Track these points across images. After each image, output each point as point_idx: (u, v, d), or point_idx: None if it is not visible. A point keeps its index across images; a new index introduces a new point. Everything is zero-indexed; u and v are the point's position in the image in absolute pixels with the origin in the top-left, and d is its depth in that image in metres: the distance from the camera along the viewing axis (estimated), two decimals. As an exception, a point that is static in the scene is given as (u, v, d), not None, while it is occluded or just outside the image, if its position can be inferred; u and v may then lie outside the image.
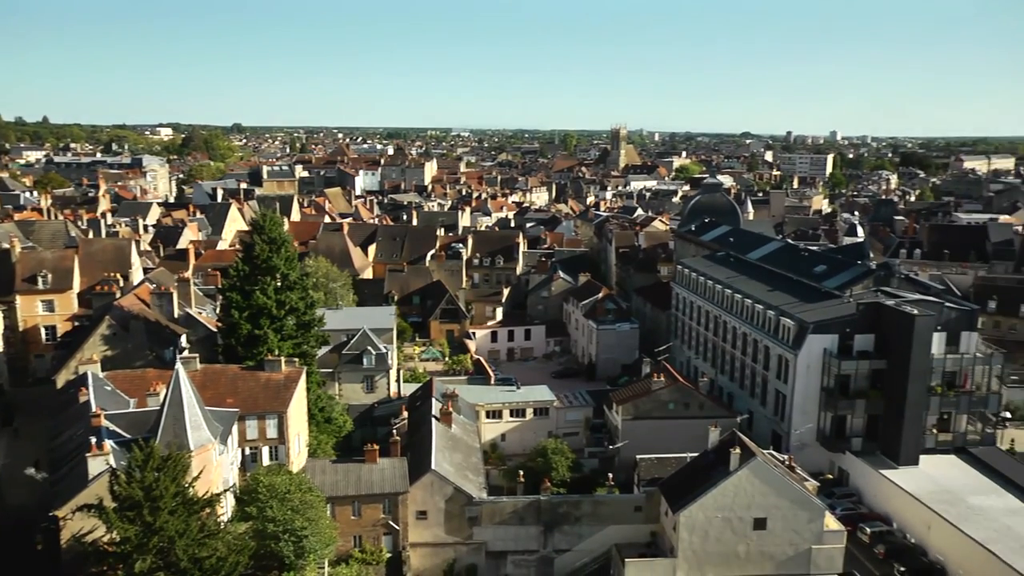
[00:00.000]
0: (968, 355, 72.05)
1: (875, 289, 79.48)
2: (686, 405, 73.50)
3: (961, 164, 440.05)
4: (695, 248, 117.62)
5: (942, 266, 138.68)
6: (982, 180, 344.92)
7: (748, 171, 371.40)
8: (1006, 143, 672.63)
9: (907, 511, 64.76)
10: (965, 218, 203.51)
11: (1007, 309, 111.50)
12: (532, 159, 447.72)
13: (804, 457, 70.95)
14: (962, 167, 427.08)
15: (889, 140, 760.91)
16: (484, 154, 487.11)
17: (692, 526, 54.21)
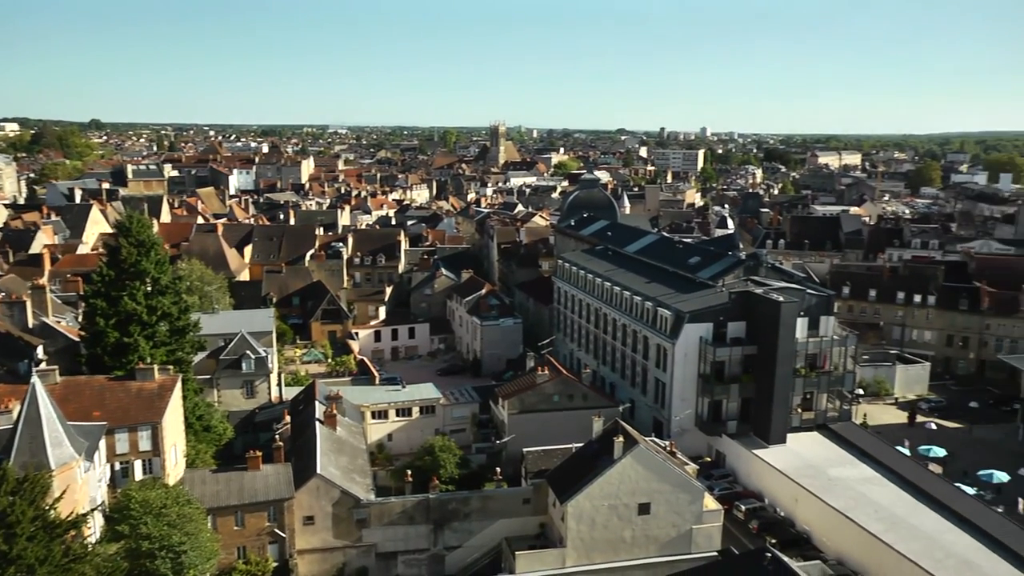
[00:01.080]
0: (827, 338, 76.96)
1: (745, 278, 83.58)
2: (570, 397, 75.00)
3: (816, 160, 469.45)
4: (575, 243, 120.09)
5: (803, 255, 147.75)
6: (834, 174, 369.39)
7: (624, 167, 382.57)
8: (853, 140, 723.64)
9: (777, 487, 68.66)
10: (821, 210, 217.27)
11: (858, 294, 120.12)
12: (412, 156, 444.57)
13: (684, 442, 73.89)
14: (817, 162, 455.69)
15: (754, 136, 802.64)
16: (363, 151, 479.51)
17: (580, 515, 55.42)
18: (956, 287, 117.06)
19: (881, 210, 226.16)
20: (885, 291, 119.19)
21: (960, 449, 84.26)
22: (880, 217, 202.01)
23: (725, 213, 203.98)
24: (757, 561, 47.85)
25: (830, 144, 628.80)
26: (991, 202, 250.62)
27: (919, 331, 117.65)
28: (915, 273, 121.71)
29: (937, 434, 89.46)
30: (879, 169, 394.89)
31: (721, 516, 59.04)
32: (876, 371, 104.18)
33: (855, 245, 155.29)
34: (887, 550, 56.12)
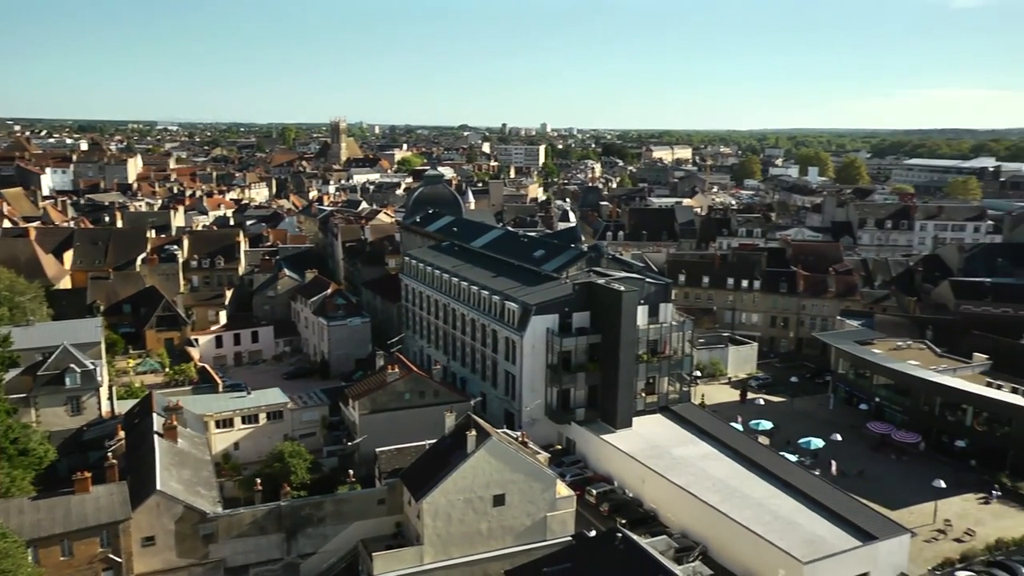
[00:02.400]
0: (666, 324, 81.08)
1: (588, 270, 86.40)
2: (421, 394, 74.79)
3: (651, 154, 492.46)
4: (421, 239, 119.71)
5: (641, 245, 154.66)
6: (668, 168, 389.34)
7: (468, 162, 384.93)
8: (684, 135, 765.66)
9: (625, 469, 71.70)
10: (657, 202, 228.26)
11: (693, 281, 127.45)
12: (249, 154, 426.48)
13: (535, 431, 75.59)
14: (652, 157, 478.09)
15: (592, 132, 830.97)
16: (196, 149, 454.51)
17: (435, 511, 55.44)
18: (777, 272, 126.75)
19: (711, 201, 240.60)
20: (716, 278, 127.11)
21: (784, 421, 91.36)
22: (710, 208, 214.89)
23: (567, 207, 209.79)
24: (609, 542, 49.78)
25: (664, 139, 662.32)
26: (802, 193, 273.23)
27: (747, 314, 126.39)
28: (742, 260, 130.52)
29: (765, 409, 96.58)
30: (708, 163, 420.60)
31: (574, 502, 60.87)
32: (711, 353, 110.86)
33: (689, 235, 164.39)
34: (724, 519, 60.05)
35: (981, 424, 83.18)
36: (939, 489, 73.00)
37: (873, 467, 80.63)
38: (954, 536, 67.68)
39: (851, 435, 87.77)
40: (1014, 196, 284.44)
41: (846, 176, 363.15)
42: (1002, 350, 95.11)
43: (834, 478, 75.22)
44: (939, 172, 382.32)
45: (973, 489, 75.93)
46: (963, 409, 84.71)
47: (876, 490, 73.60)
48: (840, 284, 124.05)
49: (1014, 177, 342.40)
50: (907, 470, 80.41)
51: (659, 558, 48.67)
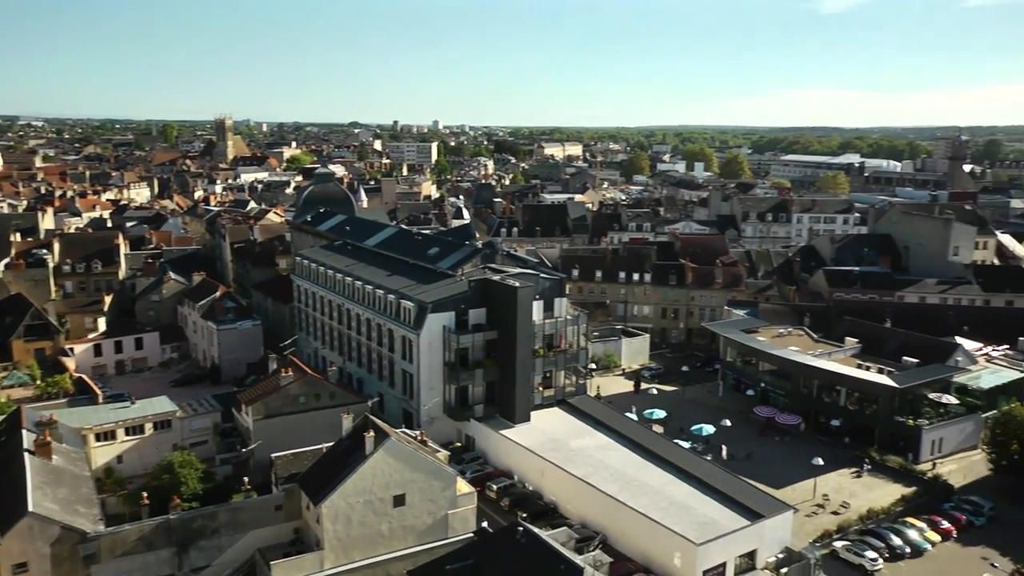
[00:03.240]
0: (561, 318, 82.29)
1: (483, 266, 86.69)
2: (317, 396, 73.23)
3: (543, 151, 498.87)
4: (312, 239, 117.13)
5: (535, 241, 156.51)
6: (560, 164, 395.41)
7: (359, 160, 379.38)
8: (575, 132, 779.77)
9: (524, 463, 72.43)
10: (549, 198, 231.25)
11: (586, 275, 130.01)
12: (127, 152, 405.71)
13: (434, 430, 75.29)
14: (544, 153, 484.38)
15: (484, 129, 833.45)
16: (66, 147, 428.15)
17: (335, 515, 54.42)
18: (666, 265, 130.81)
19: (602, 197, 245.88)
20: (609, 272, 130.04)
21: (676, 409, 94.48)
22: (601, 203, 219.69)
23: (461, 204, 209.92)
24: (510, 536, 50.20)
25: (555, 136, 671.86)
26: (689, 188, 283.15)
27: (639, 306, 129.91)
28: (633, 254, 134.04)
29: (658, 398, 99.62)
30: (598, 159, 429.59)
31: (474, 498, 61.01)
32: (605, 346, 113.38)
33: (581, 230, 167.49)
34: (621, 507, 61.58)
35: (853, 403, 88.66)
36: (818, 466, 77.42)
37: (760, 449, 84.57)
38: (832, 509, 71.93)
39: (739, 420, 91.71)
40: (877, 190, 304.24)
41: (729, 171, 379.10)
42: (870, 334, 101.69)
43: (724, 462, 78.43)
44: (812, 167, 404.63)
45: (847, 464, 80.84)
46: (837, 390, 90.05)
47: (762, 471, 77.28)
48: (726, 275, 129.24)
49: (876, 173, 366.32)
50: (789, 450, 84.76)
51: (560, 549, 49.44)
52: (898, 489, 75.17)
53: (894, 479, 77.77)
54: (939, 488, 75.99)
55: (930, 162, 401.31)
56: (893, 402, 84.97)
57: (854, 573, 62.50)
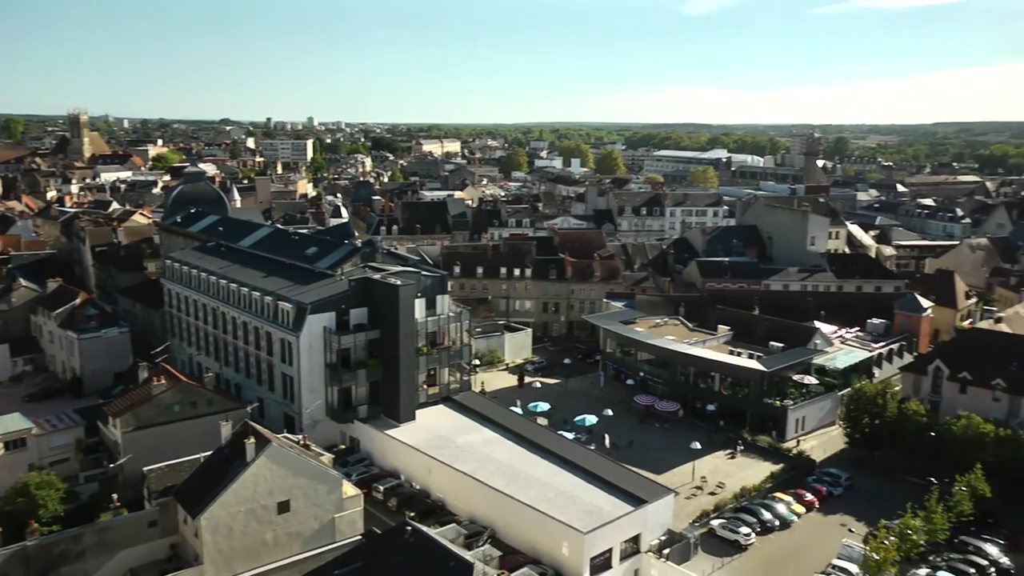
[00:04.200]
0: (443, 315, 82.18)
1: (363, 265, 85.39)
2: (193, 404, 70.04)
3: (421, 147, 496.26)
4: (183, 240, 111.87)
5: (415, 239, 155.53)
6: (439, 161, 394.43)
7: (231, 158, 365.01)
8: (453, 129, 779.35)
9: (411, 462, 71.94)
10: (429, 195, 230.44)
11: (468, 272, 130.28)
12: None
13: (317, 433, 73.62)
14: (422, 150, 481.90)
15: (361, 125, 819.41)
16: None
17: (215, 527, 52.29)
18: (546, 260, 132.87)
19: (481, 193, 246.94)
20: (490, 267, 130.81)
21: (560, 401, 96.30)
22: (481, 200, 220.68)
23: (339, 202, 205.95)
24: (399, 536, 49.76)
25: (433, 133, 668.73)
26: (566, 183, 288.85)
27: (520, 301, 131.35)
28: (513, 249, 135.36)
29: (541, 391, 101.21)
30: (476, 156, 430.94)
31: (361, 500, 60.10)
32: (488, 341, 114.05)
33: (461, 227, 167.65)
34: (509, 501, 62.20)
35: (727, 388, 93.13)
36: (696, 450, 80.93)
37: (641, 436, 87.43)
38: (709, 490, 75.34)
39: (621, 409, 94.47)
40: (743, 184, 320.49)
41: (605, 167, 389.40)
42: (740, 321, 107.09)
43: (607, 450, 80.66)
44: (683, 163, 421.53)
45: (723, 447, 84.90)
46: (712, 376, 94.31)
47: (644, 457, 79.99)
48: (604, 269, 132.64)
49: (742, 167, 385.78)
50: (669, 436, 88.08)
51: (449, 546, 49.43)
52: (768, 467, 79.56)
53: (764, 457, 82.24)
54: (803, 463, 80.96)
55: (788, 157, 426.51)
56: (762, 385, 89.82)
57: (730, 548, 65.66)
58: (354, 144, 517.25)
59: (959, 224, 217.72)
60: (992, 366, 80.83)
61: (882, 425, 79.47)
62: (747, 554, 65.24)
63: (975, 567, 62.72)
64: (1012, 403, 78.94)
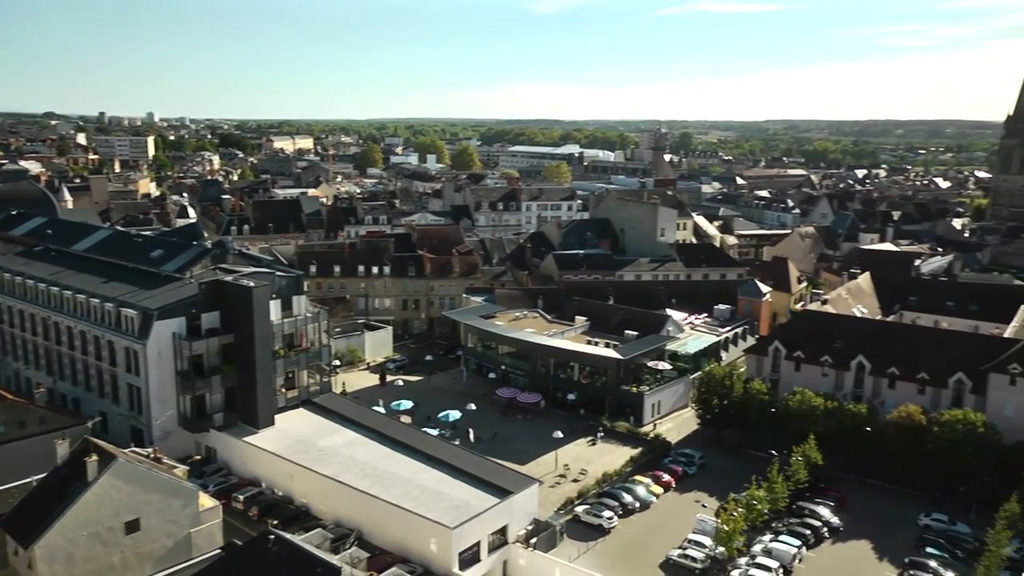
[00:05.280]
0: (300, 316, 79.92)
1: (214, 267, 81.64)
2: (22, 424, 64.67)
3: (272, 144, 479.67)
4: (4, 245, 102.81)
5: (269, 238, 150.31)
6: (291, 158, 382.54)
7: (59, 155, 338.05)
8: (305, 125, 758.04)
9: (272, 468, 69.58)
10: (281, 193, 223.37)
11: (324, 271, 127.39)
12: None
13: (169, 445, 69.78)
14: (273, 147, 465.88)
15: (207, 122, 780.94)
16: None
17: (53, 556, 48.46)
18: (404, 256, 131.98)
19: (336, 191, 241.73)
20: (347, 266, 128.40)
21: (423, 398, 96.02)
22: (336, 197, 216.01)
23: (185, 202, 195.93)
24: (262, 546, 47.98)
25: (283, 129, 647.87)
26: (423, 180, 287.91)
27: (380, 299, 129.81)
28: (371, 247, 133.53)
29: (404, 389, 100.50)
30: (330, 152, 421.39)
31: (219, 512, 57.55)
32: (348, 341, 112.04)
33: (317, 225, 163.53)
34: (375, 501, 61.46)
35: (586, 377, 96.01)
36: (558, 439, 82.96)
37: (504, 429, 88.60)
38: (572, 477, 77.43)
39: (484, 403, 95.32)
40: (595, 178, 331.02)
41: (461, 162, 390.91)
42: (596, 311, 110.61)
43: (472, 445, 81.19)
44: (537, 158, 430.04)
45: (584, 434, 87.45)
46: (571, 366, 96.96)
47: (508, 449, 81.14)
48: (463, 264, 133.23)
49: (594, 162, 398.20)
50: (532, 427, 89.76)
51: (315, 552, 48.24)
52: (627, 451, 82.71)
53: (623, 443, 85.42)
54: (660, 446, 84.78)
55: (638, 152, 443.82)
56: (619, 373, 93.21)
57: (594, 532, 67.81)
58: (200, 141, 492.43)
59: (790, 214, 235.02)
60: (820, 344, 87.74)
61: (730, 405, 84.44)
62: (610, 537, 67.61)
63: (810, 528, 68.02)
64: (837, 377, 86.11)
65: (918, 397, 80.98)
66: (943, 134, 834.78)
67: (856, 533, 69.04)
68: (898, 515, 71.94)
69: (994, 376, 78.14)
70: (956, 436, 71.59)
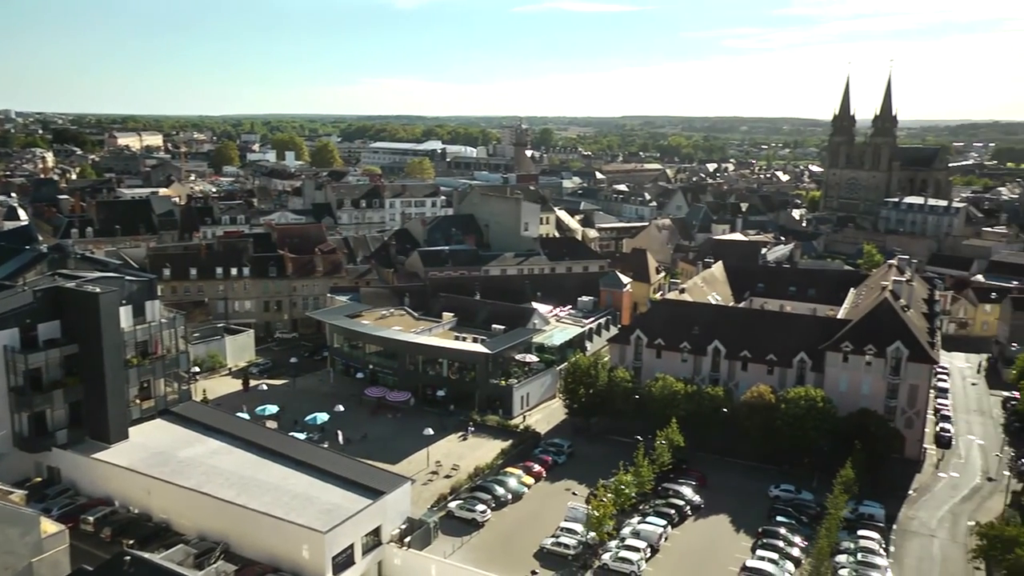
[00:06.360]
0: (155, 322, 75.56)
1: (51, 273, 75.69)
2: None
3: (116, 141, 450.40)
4: None
5: (116, 241, 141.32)
6: (138, 156, 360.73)
7: None
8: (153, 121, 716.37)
9: (126, 485, 65.46)
10: (129, 193, 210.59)
11: (179, 274, 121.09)
12: None
13: (4, 468, 64.34)
14: (117, 144, 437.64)
15: (37, 116, 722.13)
16: None
17: None
18: (265, 257, 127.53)
19: (190, 190, 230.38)
20: (204, 268, 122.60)
21: (289, 401, 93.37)
22: (190, 197, 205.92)
23: (14, 203, 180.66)
24: (116, 569, 45.25)
25: (129, 125, 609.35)
26: (282, 177, 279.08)
27: (240, 302, 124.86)
28: (229, 248, 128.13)
29: (268, 393, 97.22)
30: (182, 150, 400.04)
31: (66, 536, 53.56)
32: (208, 346, 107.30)
33: (169, 226, 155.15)
34: (241, 511, 59.12)
35: (455, 373, 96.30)
36: (429, 436, 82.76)
37: (374, 429, 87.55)
38: (445, 474, 77.57)
39: (352, 403, 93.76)
40: (458, 174, 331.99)
41: (321, 159, 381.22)
42: (463, 307, 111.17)
43: (342, 447, 79.72)
44: (399, 154, 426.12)
45: (455, 430, 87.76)
46: (440, 363, 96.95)
47: (379, 449, 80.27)
48: (326, 263, 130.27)
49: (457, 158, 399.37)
50: (402, 425, 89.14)
51: (177, 570, 45.99)
52: (498, 444, 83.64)
53: (494, 436, 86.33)
54: (530, 437, 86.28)
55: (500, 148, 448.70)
56: (487, 367, 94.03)
57: (468, 527, 68.19)
58: (29, 136, 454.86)
59: (648, 207, 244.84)
60: (679, 332, 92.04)
61: (595, 394, 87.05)
62: (484, 530, 68.19)
63: (675, 508, 71.32)
64: (695, 362, 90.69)
65: (767, 377, 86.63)
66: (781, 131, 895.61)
67: (716, 509, 72.93)
68: (753, 489, 76.58)
69: (830, 354, 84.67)
70: (799, 412, 77.11)
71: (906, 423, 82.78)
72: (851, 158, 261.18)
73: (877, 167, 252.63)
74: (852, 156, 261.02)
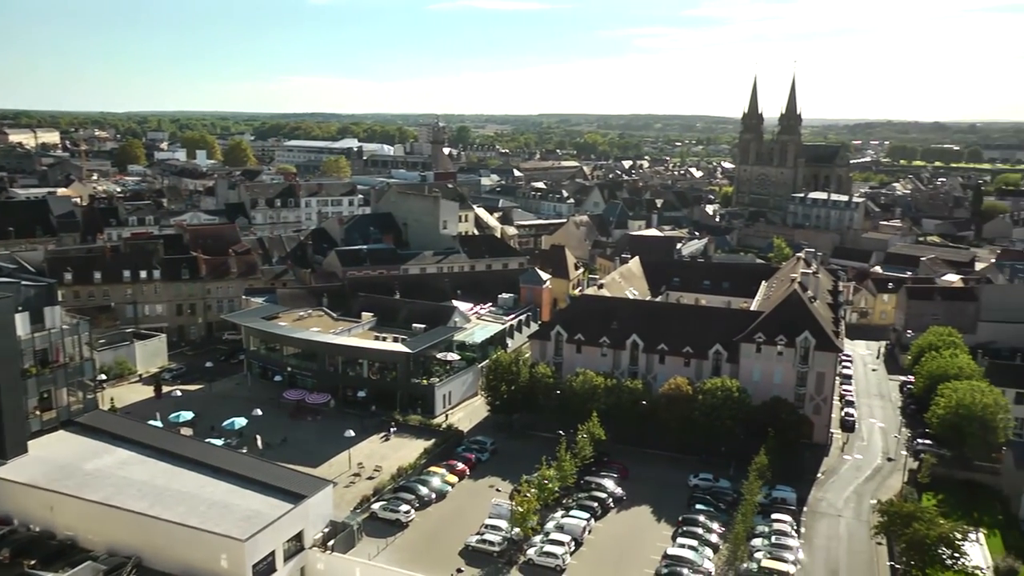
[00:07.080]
0: (55, 329, 72.30)
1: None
2: None
3: (7, 138, 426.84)
4: None
5: (10, 244, 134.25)
6: (33, 154, 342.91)
7: None
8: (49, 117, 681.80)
9: (26, 502, 62.15)
10: (23, 193, 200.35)
11: (82, 278, 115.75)
12: None
13: None
14: (9, 141, 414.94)
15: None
16: None
17: None
18: (176, 259, 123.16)
19: (92, 190, 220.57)
20: (110, 271, 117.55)
21: (205, 407, 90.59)
22: (92, 197, 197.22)
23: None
24: (17, 589, 42.93)
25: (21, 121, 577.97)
26: (193, 177, 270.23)
27: (150, 306, 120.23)
28: (137, 250, 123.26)
29: (183, 399, 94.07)
30: (82, 148, 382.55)
31: (-38, 557, 50.64)
32: (116, 352, 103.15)
33: (70, 228, 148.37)
34: (154, 522, 56.96)
35: (375, 373, 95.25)
36: (350, 438, 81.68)
37: (294, 432, 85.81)
38: (367, 475, 76.69)
39: (271, 407, 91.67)
40: (375, 172, 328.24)
41: (234, 158, 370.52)
42: (383, 306, 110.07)
43: (260, 451, 77.81)
44: (315, 152, 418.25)
45: (376, 431, 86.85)
46: (360, 363, 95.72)
47: (299, 453, 78.74)
48: (241, 264, 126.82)
49: (374, 156, 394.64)
50: (322, 428, 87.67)
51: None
52: (421, 444, 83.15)
53: (417, 435, 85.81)
54: (452, 435, 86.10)
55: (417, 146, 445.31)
56: (408, 366, 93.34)
57: (393, 528, 67.61)
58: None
59: (566, 204, 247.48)
60: (598, 326, 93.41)
61: (517, 390, 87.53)
62: (409, 530, 67.75)
63: (597, 501, 72.37)
64: (615, 356, 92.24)
65: (684, 369, 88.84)
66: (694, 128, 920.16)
67: (637, 500, 74.39)
68: (673, 479, 78.46)
69: (744, 346, 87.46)
70: (716, 402, 79.47)
71: (814, 409, 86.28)
72: (760, 155, 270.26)
73: (784, 164, 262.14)
74: (761, 153, 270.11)
